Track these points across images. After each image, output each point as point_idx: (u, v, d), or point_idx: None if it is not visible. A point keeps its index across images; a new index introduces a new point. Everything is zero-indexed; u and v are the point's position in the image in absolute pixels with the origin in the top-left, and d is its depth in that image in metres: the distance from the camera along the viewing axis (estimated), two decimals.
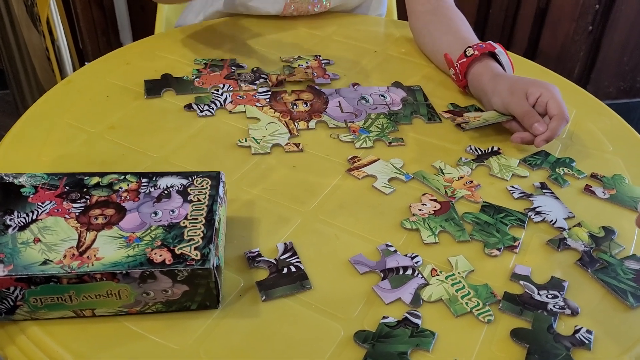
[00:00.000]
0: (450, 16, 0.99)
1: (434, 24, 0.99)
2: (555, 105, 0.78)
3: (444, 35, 0.96)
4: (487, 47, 0.88)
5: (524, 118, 0.79)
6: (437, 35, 0.97)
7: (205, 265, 0.52)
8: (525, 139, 0.79)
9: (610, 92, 2.17)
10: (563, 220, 0.69)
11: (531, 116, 0.79)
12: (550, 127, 0.77)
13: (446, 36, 0.95)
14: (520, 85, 0.82)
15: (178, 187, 0.60)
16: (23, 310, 0.53)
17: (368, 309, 0.57)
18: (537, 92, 0.80)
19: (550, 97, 0.79)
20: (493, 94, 0.84)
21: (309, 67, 0.95)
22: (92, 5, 1.88)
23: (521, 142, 0.80)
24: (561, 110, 0.78)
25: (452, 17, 0.99)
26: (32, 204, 0.57)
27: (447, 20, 0.98)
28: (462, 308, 0.57)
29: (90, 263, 0.52)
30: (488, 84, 0.85)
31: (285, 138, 0.80)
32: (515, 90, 0.81)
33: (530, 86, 0.81)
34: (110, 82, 0.89)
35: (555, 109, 0.78)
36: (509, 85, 0.83)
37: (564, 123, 0.78)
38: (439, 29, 0.98)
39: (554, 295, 0.59)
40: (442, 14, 1.00)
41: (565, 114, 0.78)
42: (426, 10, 1.01)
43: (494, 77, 0.85)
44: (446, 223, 0.67)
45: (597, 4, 1.96)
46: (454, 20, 0.98)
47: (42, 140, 0.76)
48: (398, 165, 0.76)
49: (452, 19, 0.99)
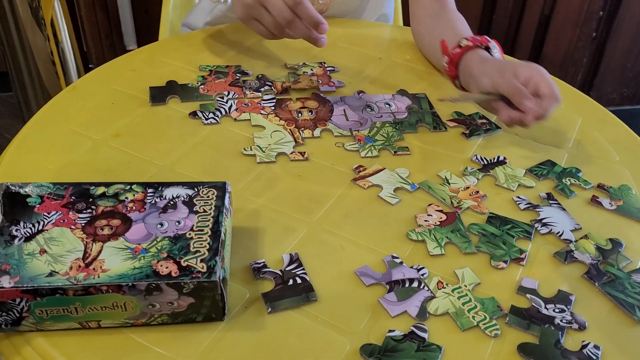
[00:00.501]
0: (452, 19, 0.99)
1: (434, 27, 0.99)
2: (546, 85, 0.77)
3: (442, 35, 0.95)
4: (481, 40, 0.88)
5: (514, 95, 0.77)
6: (436, 35, 0.97)
7: (212, 277, 0.52)
8: (514, 118, 0.78)
9: (614, 98, 2.17)
10: (570, 232, 0.69)
11: (521, 93, 0.77)
12: (542, 105, 0.76)
13: (444, 35, 0.94)
14: (510, 66, 0.81)
15: (184, 198, 0.60)
16: (28, 322, 0.53)
17: (374, 322, 0.57)
18: (527, 73, 0.79)
19: (541, 78, 0.78)
20: (481, 75, 0.83)
21: (314, 74, 0.95)
22: (97, 8, 1.88)
23: (510, 120, 0.78)
24: (552, 90, 0.77)
25: (453, 20, 0.99)
26: (38, 214, 0.57)
27: (448, 22, 0.98)
28: (468, 322, 0.57)
29: (97, 275, 0.51)
30: (476, 67, 0.85)
31: (290, 147, 0.79)
32: (504, 71, 0.80)
33: (519, 67, 0.80)
34: (115, 88, 0.89)
35: (547, 89, 0.77)
36: (498, 66, 0.82)
37: (556, 103, 0.77)
38: (439, 30, 0.97)
39: (561, 310, 0.59)
40: (443, 17, 1.00)
41: (557, 94, 0.77)
42: (427, 14, 1.01)
43: (482, 61, 0.85)
44: (452, 234, 0.67)
45: (601, 10, 1.96)
46: (455, 23, 0.98)
47: (47, 148, 0.76)
48: (404, 175, 0.76)
49: (453, 21, 0.98)
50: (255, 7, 0.80)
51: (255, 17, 0.81)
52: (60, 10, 1.68)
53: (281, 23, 0.80)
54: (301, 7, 0.78)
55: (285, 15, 0.79)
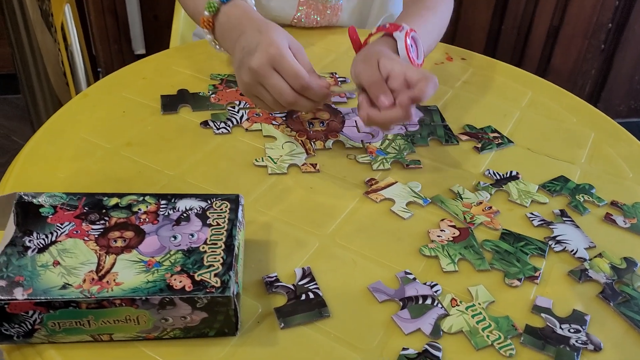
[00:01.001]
0: (426, 4, 0.90)
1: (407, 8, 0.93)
2: (415, 73, 0.67)
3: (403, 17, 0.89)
4: (389, 28, 0.79)
5: (370, 87, 0.69)
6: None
7: (225, 293, 0.52)
8: (372, 117, 0.69)
9: (621, 110, 2.16)
10: (584, 250, 0.68)
11: (378, 86, 0.69)
12: (418, 86, 0.66)
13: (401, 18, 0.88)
14: (375, 55, 0.72)
15: (197, 210, 0.60)
16: (41, 334, 0.52)
17: (387, 339, 0.57)
18: (391, 65, 0.69)
19: (407, 68, 0.68)
20: (352, 63, 0.76)
21: None
22: (106, 13, 1.89)
23: (367, 120, 0.69)
24: (425, 73, 0.67)
25: (426, 6, 0.90)
26: (52, 224, 0.56)
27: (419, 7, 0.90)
28: (483, 341, 0.57)
29: (110, 288, 0.51)
30: (358, 54, 0.78)
31: (302, 158, 0.79)
32: (369, 59, 0.72)
33: (385, 58, 0.71)
34: (126, 96, 0.89)
35: (418, 74, 0.67)
36: (366, 54, 0.74)
37: (432, 84, 0.66)
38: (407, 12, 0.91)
39: (576, 330, 0.58)
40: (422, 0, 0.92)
41: (432, 76, 0.66)
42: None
43: (367, 48, 0.77)
44: (465, 251, 0.67)
45: (610, 22, 1.95)
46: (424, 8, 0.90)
47: (58, 156, 0.76)
48: (416, 189, 0.75)
49: (426, 7, 0.90)
50: (254, 86, 0.71)
51: (255, 94, 0.72)
52: (71, 14, 1.69)
53: (283, 104, 0.71)
54: (309, 91, 0.69)
55: (287, 99, 0.69)
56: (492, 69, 1.05)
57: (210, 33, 0.81)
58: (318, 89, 0.69)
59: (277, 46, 0.68)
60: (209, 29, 0.81)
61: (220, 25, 0.79)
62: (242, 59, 0.71)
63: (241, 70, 0.71)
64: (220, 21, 0.79)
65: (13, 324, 0.51)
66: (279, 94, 0.69)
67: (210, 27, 0.80)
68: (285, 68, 0.68)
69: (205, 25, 0.80)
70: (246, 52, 0.71)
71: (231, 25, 0.77)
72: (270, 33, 0.70)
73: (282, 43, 0.69)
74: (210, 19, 0.80)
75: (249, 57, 0.70)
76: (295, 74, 0.68)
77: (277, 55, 0.68)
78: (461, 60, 1.07)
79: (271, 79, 0.69)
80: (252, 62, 0.69)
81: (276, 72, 0.69)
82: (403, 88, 0.69)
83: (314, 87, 0.69)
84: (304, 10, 1.09)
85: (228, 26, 0.78)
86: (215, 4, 0.79)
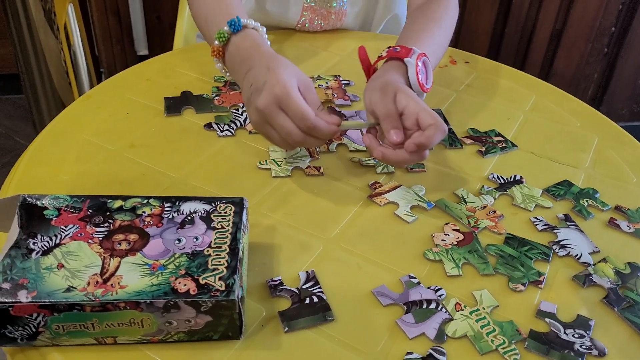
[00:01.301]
0: (432, 17, 0.91)
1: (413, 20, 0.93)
2: (427, 116, 0.69)
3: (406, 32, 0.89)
4: (400, 52, 0.79)
5: (384, 120, 0.71)
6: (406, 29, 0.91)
7: (230, 296, 0.52)
8: (387, 156, 0.71)
9: (623, 114, 2.16)
10: (588, 255, 0.68)
11: (392, 121, 0.70)
12: (425, 134, 0.68)
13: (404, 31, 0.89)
14: (393, 87, 0.73)
15: (201, 213, 0.59)
16: (45, 337, 0.52)
17: (392, 343, 0.57)
18: (406, 101, 0.71)
19: (421, 109, 0.70)
20: (367, 90, 0.76)
21: (329, 87, 0.95)
22: (109, 13, 1.89)
23: (382, 158, 0.71)
24: (436, 119, 0.69)
25: (432, 18, 0.91)
26: (56, 227, 0.56)
27: (426, 19, 0.91)
28: (487, 346, 0.57)
29: (114, 291, 0.51)
30: (371, 81, 0.78)
31: (306, 161, 0.79)
32: (385, 89, 0.73)
33: (401, 92, 0.72)
34: (129, 98, 0.89)
35: (429, 119, 0.69)
36: (382, 82, 0.75)
37: (441, 133, 0.69)
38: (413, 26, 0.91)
39: (580, 335, 0.58)
40: (428, 9, 0.93)
41: (442, 124, 0.69)
42: (419, 4, 0.96)
43: (380, 75, 0.78)
44: (470, 255, 0.66)
45: (613, 26, 1.95)
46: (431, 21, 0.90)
47: (61, 157, 0.76)
48: (420, 193, 0.75)
49: (432, 19, 0.90)
50: (262, 125, 0.70)
51: (264, 132, 0.71)
52: (74, 14, 1.69)
53: (291, 144, 0.70)
54: (316, 130, 0.68)
55: (295, 139, 0.68)
56: (495, 73, 1.05)
57: (220, 61, 0.80)
58: (326, 129, 0.69)
59: (283, 85, 0.67)
60: (219, 58, 0.80)
61: (230, 56, 0.78)
62: (250, 98, 0.70)
63: (249, 109, 0.71)
64: (230, 52, 0.78)
65: (17, 327, 0.51)
66: (287, 134, 0.68)
67: (220, 56, 0.79)
68: (292, 109, 0.67)
69: (215, 54, 0.79)
70: (254, 90, 0.70)
71: (240, 58, 0.77)
72: (278, 71, 0.69)
73: (290, 82, 0.68)
74: (221, 49, 0.79)
75: (256, 96, 0.69)
76: (301, 115, 0.67)
77: (284, 96, 0.67)
78: (465, 63, 1.07)
79: (278, 120, 0.68)
80: (259, 102, 0.68)
81: (283, 112, 0.68)
82: (414, 128, 0.70)
83: (321, 127, 0.68)
84: (308, 15, 1.09)
85: (238, 59, 0.77)
86: (225, 33, 0.78)
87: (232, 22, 0.77)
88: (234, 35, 0.78)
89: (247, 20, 0.79)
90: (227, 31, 0.78)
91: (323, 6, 1.08)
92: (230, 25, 0.77)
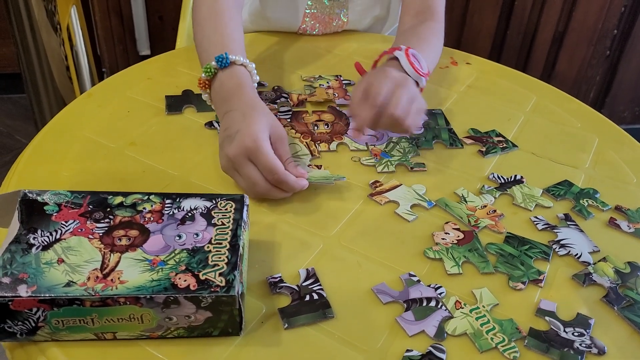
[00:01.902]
0: (421, 36, 0.94)
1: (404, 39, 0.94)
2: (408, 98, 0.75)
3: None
4: (389, 51, 0.85)
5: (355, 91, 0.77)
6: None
7: (230, 292, 0.52)
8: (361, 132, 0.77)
9: (625, 116, 2.16)
10: (588, 255, 0.68)
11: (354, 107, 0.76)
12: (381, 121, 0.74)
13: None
14: (386, 72, 0.77)
15: (202, 210, 0.60)
16: (44, 332, 0.52)
17: (391, 340, 0.57)
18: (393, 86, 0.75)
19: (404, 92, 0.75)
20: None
21: (330, 87, 0.95)
22: (111, 13, 1.89)
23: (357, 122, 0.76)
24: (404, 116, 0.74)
25: (422, 37, 0.94)
26: (56, 222, 0.56)
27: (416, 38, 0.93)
28: (487, 343, 0.57)
29: (114, 286, 0.51)
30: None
31: (306, 160, 0.79)
32: (380, 71, 0.78)
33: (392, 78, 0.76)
34: (130, 96, 0.89)
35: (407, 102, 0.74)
36: (380, 69, 0.80)
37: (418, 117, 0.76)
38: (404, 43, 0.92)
39: (580, 333, 0.58)
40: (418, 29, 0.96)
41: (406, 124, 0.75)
42: (410, 26, 0.98)
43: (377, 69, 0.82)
44: (470, 253, 0.66)
45: (616, 29, 1.95)
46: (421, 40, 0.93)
47: (62, 155, 0.76)
48: (420, 192, 0.75)
49: (422, 38, 0.94)
50: (230, 170, 0.71)
51: (233, 178, 0.72)
52: (76, 14, 1.69)
53: (256, 193, 0.70)
54: (284, 185, 0.69)
55: (259, 191, 0.69)
56: (496, 74, 1.05)
57: (207, 93, 0.81)
58: (293, 184, 0.70)
59: (254, 139, 0.68)
60: (205, 90, 0.81)
61: (214, 91, 0.79)
62: (222, 143, 0.71)
63: (220, 152, 0.72)
64: (215, 88, 0.79)
65: (16, 321, 0.51)
66: (253, 184, 0.69)
67: (206, 89, 0.80)
68: (260, 162, 0.68)
69: (201, 86, 0.80)
70: (226, 136, 0.71)
71: (222, 96, 0.77)
72: (253, 121, 0.70)
73: (261, 135, 0.69)
74: (207, 81, 0.79)
75: (228, 143, 0.70)
76: (270, 168, 0.68)
77: (254, 149, 0.68)
78: (466, 64, 1.07)
79: (245, 170, 0.69)
80: (229, 150, 0.69)
81: (252, 163, 0.69)
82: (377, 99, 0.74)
83: (289, 182, 0.69)
84: (310, 21, 1.09)
85: (220, 96, 0.78)
86: (212, 68, 0.78)
87: (219, 57, 0.77)
88: (221, 71, 0.78)
89: (236, 57, 0.78)
90: (214, 66, 0.78)
91: (325, 13, 1.08)
92: (218, 61, 0.77)
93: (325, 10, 1.08)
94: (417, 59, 0.83)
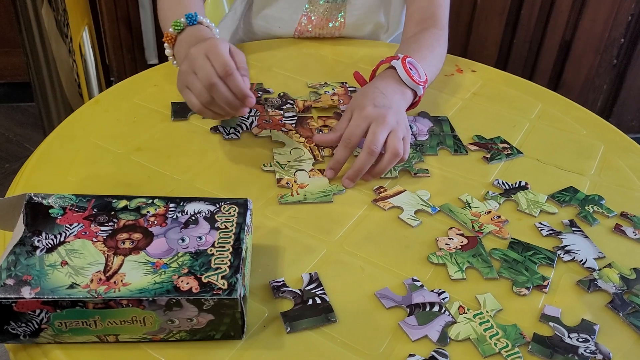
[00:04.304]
0: (424, 43, 0.96)
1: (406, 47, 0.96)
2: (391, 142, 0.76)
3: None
4: (387, 60, 0.87)
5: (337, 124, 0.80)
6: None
7: (232, 295, 0.52)
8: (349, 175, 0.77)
9: (633, 125, 2.15)
10: (593, 261, 0.68)
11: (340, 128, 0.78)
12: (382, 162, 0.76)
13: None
14: (371, 97, 0.79)
15: (205, 214, 0.60)
16: (47, 334, 0.52)
17: (394, 345, 0.56)
18: (375, 114, 0.76)
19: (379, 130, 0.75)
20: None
21: (335, 94, 0.95)
22: (120, 22, 1.91)
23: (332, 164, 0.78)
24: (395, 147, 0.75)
25: (425, 44, 0.95)
26: (60, 225, 0.57)
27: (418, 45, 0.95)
28: (490, 349, 0.56)
29: (117, 289, 0.51)
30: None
31: (309, 164, 0.79)
32: (365, 96, 0.80)
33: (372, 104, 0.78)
34: (137, 103, 0.89)
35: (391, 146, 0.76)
36: (365, 90, 0.82)
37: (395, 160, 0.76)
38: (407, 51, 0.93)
39: (584, 339, 0.58)
40: (421, 37, 0.97)
41: (399, 150, 0.76)
42: (413, 33, 1.00)
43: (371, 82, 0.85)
44: (474, 259, 0.66)
45: (622, 37, 1.95)
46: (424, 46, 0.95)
47: (69, 160, 0.76)
48: (424, 197, 0.75)
49: (424, 45, 0.95)
50: (188, 74, 0.75)
51: (188, 84, 0.75)
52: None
53: (205, 87, 0.73)
54: (231, 78, 0.72)
55: (210, 80, 0.72)
56: (502, 81, 1.05)
57: (170, 48, 0.86)
58: (240, 82, 0.73)
59: (214, 43, 0.74)
60: (170, 44, 0.86)
61: (179, 43, 0.84)
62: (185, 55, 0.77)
63: (182, 64, 0.77)
64: (181, 38, 0.84)
65: (20, 323, 0.51)
66: (205, 75, 0.73)
67: (171, 43, 0.85)
68: (216, 56, 0.73)
69: (167, 40, 0.85)
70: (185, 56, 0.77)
71: (188, 42, 0.82)
72: (213, 38, 0.77)
73: (221, 42, 0.75)
74: (174, 36, 0.84)
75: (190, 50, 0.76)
76: (223, 61, 0.72)
77: (212, 47, 0.73)
78: (471, 72, 1.07)
79: (200, 60, 0.73)
80: (191, 50, 0.75)
81: (209, 61, 0.73)
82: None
83: (236, 77, 0.72)
84: (306, 23, 1.10)
85: (186, 43, 0.82)
86: (181, 24, 0.83)
87: (189, 15, 0.84)
88: (189, 27, 0.84)
89: (204, 18, 0.85)
90: (183, 22, 0.84)
91: (322, 16, 1.09)
92: (187, 17, 0.84)
93: (323, 14, 1.09)
94: (414, 67, 0.86)
